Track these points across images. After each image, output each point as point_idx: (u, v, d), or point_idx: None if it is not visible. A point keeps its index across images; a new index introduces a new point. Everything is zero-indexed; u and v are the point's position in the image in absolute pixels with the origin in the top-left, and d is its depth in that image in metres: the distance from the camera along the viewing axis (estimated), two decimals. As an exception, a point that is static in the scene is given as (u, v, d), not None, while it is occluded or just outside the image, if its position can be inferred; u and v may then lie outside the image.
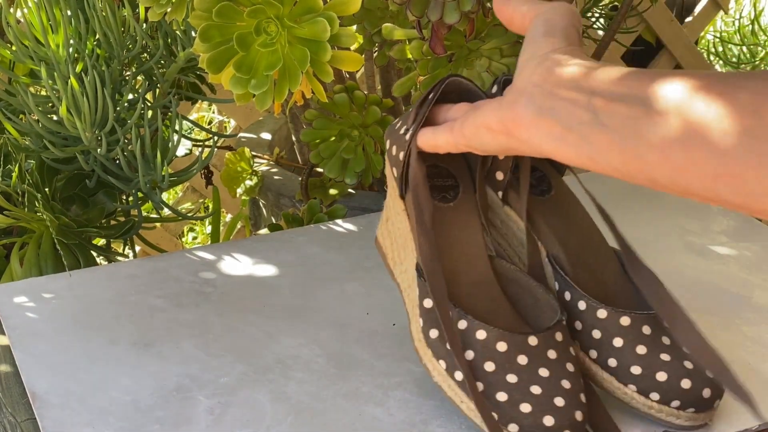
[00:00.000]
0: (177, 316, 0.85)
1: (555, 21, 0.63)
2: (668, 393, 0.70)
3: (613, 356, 0.72)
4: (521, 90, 0.59)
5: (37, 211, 1.05)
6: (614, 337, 0.72)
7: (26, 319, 0.84)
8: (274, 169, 1.41)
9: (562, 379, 0.68)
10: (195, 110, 2.22)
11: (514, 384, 0.67)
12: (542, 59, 0.60)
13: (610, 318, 0.72)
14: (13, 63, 1.06)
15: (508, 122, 0.60)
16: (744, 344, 0.82)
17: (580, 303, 0.74)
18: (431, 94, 0.72)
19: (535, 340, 0.69)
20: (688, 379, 0.70)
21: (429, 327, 0.71)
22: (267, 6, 0.79)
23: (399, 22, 1.03)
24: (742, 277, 0.92)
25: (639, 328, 0.72)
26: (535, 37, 0.62)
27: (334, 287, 0.90)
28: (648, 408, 0.71)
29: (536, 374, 0.68)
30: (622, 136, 0.53)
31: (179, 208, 1.96)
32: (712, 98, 0.49)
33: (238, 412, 0.73)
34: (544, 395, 0.67)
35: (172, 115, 1.03)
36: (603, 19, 1.55)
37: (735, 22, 2.71)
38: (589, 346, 0.73)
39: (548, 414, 0.66)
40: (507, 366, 0.68)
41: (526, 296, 0.75)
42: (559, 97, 0.56)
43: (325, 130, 1.08)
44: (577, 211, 0.79)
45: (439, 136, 0.68)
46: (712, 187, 0.49)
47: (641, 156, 0.52)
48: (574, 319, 0.74)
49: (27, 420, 0.75)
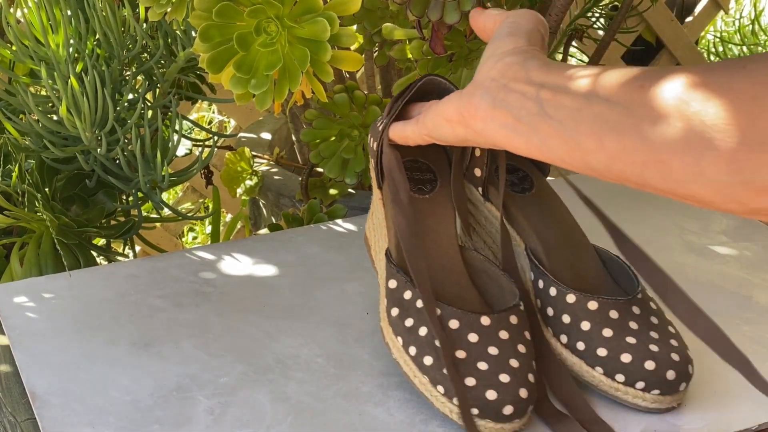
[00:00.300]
0: (177, 316, 0.85)
1: (520, 23, 0.66)
2: (633, 374, 0.72)
3: (581, 339, 0.74)
4: (479, 83, 0.62)
5: (37, 211, 1.05)
6: (582, 321, 0.74)
7: (26, 319, 0.84)
8: (274, 169, 1.41)
9: (510, 359, 0.70)
10: (195, 110, 2.22)
11: (462, 359, 0.70)
12: (502, 56, 0.63)
13: (579, 302, 0.75)
14: (13, 63, 1.06)
15: (465, 113, 0.63)
16: (744, 344, 0.81)
17: (551, 289, 0.76)
18: (406, 90, 0.76)
19: (487, 320, 0.72)
20: (652, 361, 0.72)
21: (391, 306, 0.74)
22: (267, 6, 0.79)
23: (399, 22, 1.03)
24: (742, 276, 0.92)
25: (606, 313, 0.74)
26: (500, 37, 0.65)
27: (334, 287, 0.90)
28: (615, 390, 0.73)
29: (485, 352, 0.70)
30: (564, 126, 0.56)
31: (179, 208, 1.96)
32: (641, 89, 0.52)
33: (238, 412, 0.73)
34: (489, 371, 0.69)
35: (172, 115, 1.03)
36: (603, 19, 1.55)
37: (735, 22, 2.71)
38: (560, 331, 0.76)
39: (491, 389, 0.68)
40: (458, 343, 0.70)
41: (494, 286, 0.77)
42: (512, 90, 0.60)
43: (325, 130, 1.08)
44: (557, 208, 0.82)
45: (407, 128, 0.72)
46: (642, 173, 0.53)
47: (580, 144, 0.55)
48: (546, 305, 0.77)
49: (27, 420, 0.75)
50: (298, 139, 1.42)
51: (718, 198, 0.50)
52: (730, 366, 0.68)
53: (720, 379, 0.77)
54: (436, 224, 0.79)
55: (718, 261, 0.96)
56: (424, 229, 0.79)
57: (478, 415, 0.69)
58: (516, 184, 0.84)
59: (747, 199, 0.49)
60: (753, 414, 0.73)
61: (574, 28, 1.39)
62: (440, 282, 0.77)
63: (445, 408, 0.70)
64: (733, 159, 0.48)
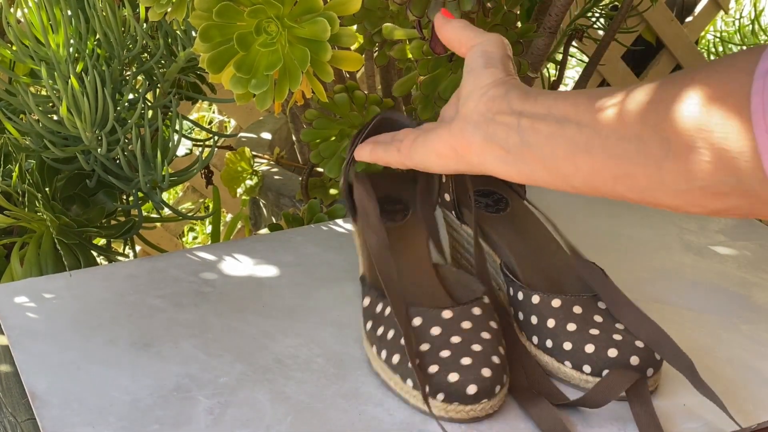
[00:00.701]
0: (176, 316, 0.85)
1: (492, 53, 0.68)
2: (597, 363, 0.74)
3: (549, 337, 0.77)
4: (468, 118, 0.65)
5: (37, 211, 1.05)
6: (548, 319, 0.77)
7: (26, 319, 0.84)
8: (274, 169, 1.41)
9: (473, 344, 0.73)
10: (195, 110, 2.22)
11: (426, 351, 0.73)
12: (485, 89, 0.65)
13: (543, 302, 0.78)
14: (14, 63, 1.06)
15: (459, 148, 0.66)
16: (742, 343, 0.82)
17: (519, 294, 0.80)
18: (361, 133, 0.80)
19: (449, 314, 0.75)
20: (614, 349, 0.74)
21: (366, 320, 0.79)
22: (267, 6, 0.79)
23: (399, 22, 1.03)
24: (741, 276, 0.92)
25: (570, 309, 0.77)
26: (477, 69, 0.67)
27: (334, 287, 0.90)
28: (585, 383, 0.75)
29: (447, 341, 0.73)
30: (543, 152, 0.60)
31: (179, 207, 1.96)
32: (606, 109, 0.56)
33: (237, 411, 0.73)
34: (451, 357, 0.72)
35: (172, 115, 1.03)
36: (603, 19, 1.55)
37: (735, 22, 2.71)
38: (531, 333, 0.79)
39: (453, 372, 0.71)
40: (421, 337, 0.74)
41: (469, 293, 0.80)
42: (499, 123, 0.63)
43: (326, 130, 1.08)
44: (531, 225, 0.87)
45: (389, 157, 0.74)
46: (614, 188, 0.57)
47: (559, 169, 0.59)
48: (518, 311, 0.80)
49: (27, 420, 0.75)
50: (298, 139, 1.42)
51: (682, 203, 0.54)
52: (731, 366, 0.69)
53: (719, 378, 0.77)
54: (409, 246, 0.83)
55: (716, 260, 0.96)
56: (397, 252, 0.82)
57: (445, 400, 0.70)
58: (491, 206, 0.88)
59: (706, 202, 0.53)
60: (752, 413, 0.73)
61: (574, 28, 1.39)
62: (417, 297, 0.80)
63: (418, 401, 0.72)
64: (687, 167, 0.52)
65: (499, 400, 0.72)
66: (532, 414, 0.72)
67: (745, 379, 0.77)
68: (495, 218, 0.87)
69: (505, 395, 0.73)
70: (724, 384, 0.76)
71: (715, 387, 0.75)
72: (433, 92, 1.01)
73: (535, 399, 0.73)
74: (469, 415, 0.71)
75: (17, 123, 1.04)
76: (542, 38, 1.14)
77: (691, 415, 0.73)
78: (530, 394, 0.74)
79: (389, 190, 0.88)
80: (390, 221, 0.85)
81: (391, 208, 0.86)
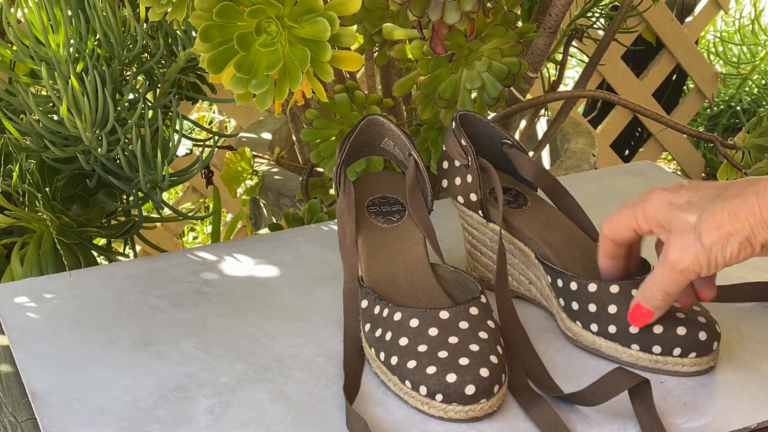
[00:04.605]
0: (176, 315, 0.85)
1: (694, 197, 0.72)
2: (668, 343, 0.76)
3: (611, 323, 0.77)
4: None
5: (37, 211, 1.05)
6: (609, 306, 0.78)
7: (26, 318, 0.84)
8: (274, 169, 1.41)
9: (470, 344, 0.73)
10: (195, 110, 2.22)
11: (424, 352, 0.73)
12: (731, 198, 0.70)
13: (601, 289, 0.78)
14: (14, 63, 1.06)
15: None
16: (742, 342, 0.82)
17: (571, 284, 0.80)
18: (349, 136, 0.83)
19: (446, 314, 0.75)
20: (683, 327, 0.76)
21: (365, 323, 0.78)
22: (267, 6, 0.79)
23: (399, 22, 1.03)
24: (740, 275, 0.92)
25: (629, 293, 0.77)
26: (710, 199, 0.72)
27: (334, 287, 0.90)
28: (654, 363, 0.76)
29: (445, 342, 0.73)
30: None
31: (180, 207, 1.97)
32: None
33: (237, 411, 0.73)
34: (449, 357, 0.72)
35: (172, 115, 1.03)
36: (603, 19, 1.55)
37: (735, 22, 2.71)
38: (588, 321, 0.79)
39: (451, 372, 0.71)
40: (419, 338, 0.74)
41: (466, 292, 0.81)
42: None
43: (326, 130, 1.09)
44: (554, 216, 0.87)
45: (690, 252, 0.72)
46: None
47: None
48: (571, 301, 0.80)
49: (27, 420, 0.75)
50: (298, 138, 1.42)
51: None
52: (730, 365, 0.69)
53: (719, 378, 0.77)
54: (405, 247, 0.84)
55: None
56: (392, 253, 0.83)
57: (444, 400, 0.71)
58: (512, 202, 0.88)
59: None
60: (752, 413, 0.73)
61: (574, 28, 1.39)
62: (413, 298, 0.80)
63: (417, 402, 0.72)
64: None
65: (497, 399, 0.72)
66: (532, 414, 0.72)
67: (745, 379, 0.77)
68: (521, 213, 0.87)
69: (504, 395, 0.73)
70: (724, 383, 0.76)
71: (715, 386, 0.75)
72: (433, 92, 1.01)
73: (535, 399, 0.73)
74: (468, 416, 0.71)
75: (17, 123, 1.04)
76: (542, 38, 1.14)
77: (691, 414, 0.73)
78: (530, 394, 0.74)
79: (386, 191, 0.88)
80: (386, 222, 0.86)
81: (387, 209, 0.87)
